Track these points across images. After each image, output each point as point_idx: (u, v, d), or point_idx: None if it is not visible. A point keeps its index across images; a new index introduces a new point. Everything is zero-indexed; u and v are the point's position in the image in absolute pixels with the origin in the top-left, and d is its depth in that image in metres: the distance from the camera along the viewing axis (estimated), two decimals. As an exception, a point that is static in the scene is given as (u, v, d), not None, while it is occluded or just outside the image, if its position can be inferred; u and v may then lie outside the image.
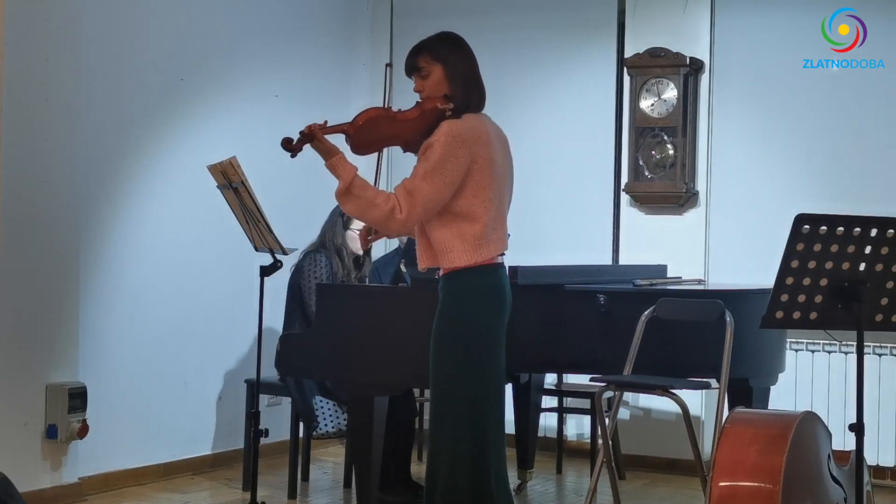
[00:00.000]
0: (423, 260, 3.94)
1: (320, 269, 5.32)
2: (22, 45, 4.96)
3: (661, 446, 6.20)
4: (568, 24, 6.71)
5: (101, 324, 5.46)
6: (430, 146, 3.77)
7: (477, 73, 3.93)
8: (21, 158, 4.98)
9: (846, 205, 5.60)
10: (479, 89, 3.92)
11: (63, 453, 5.16)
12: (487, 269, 3.83)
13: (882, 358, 5.82)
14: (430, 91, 3.87)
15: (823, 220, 3.14)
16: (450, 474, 3.79)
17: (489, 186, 3.81)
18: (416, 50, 3.92)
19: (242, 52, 6.27)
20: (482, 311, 3.83)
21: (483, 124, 3.87)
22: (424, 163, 3.76)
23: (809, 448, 3.40)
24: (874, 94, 5.98)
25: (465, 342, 3.81)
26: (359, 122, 3.81)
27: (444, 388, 3.84)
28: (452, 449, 3.80)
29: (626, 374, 4.58)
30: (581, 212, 6.60)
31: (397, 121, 3.84)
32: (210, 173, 4.64)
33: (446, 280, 3.86)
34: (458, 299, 3.83)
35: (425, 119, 3.83)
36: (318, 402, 5.33)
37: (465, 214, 3.79)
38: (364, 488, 4.72)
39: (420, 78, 3.89)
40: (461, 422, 3.80)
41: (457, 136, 3.75)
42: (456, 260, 3.80)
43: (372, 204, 3.75)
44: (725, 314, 4.51)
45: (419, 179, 3.74)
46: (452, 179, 3.75)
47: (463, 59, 3.90)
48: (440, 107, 3.83)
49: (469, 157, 3.76)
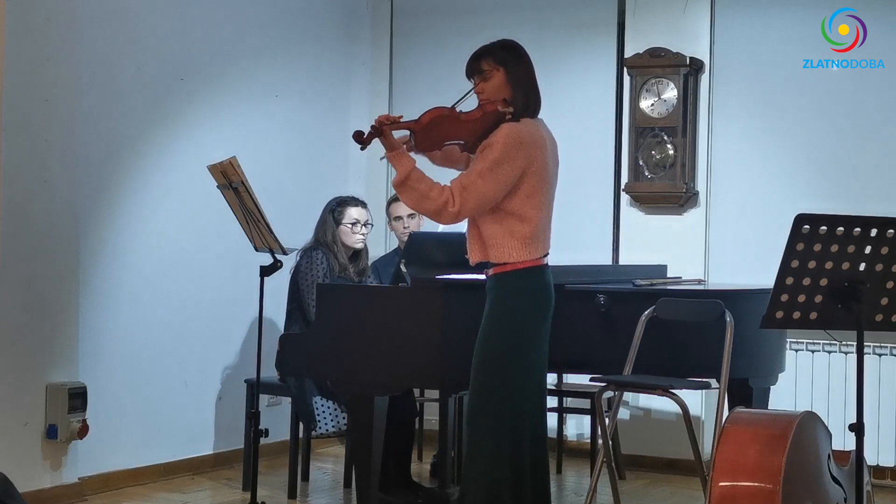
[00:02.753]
0: (474, 255, 4.08)
1: (317, 266, 5.32)
2: (22, 45, 4.95)
3: (661, 446, 6.19)
4: (568, 24, 6.71)
5: (101, 324, 5.46)
6: (489, 146, 3.92)
7: (535, 80, 4.11)
8: (21, 158, 4.97)
9: (846, 205, 5.61)
10: (536, 95, 4.10)
11: (63, 453, 5.16)
12: (536, 270, 3.99)
13: (882, 358, 5.82)
14: (490, 94, 4.02)
15: (823, 220, 3.15)
16: (488, 472, 3.91)
17: (541, 189, 3.98)
18: (479, 54, 4.08)
19: (242, 52, 6.27)
20: (531, 311, 3.98)
21: (539, 129, 4.04)
22: (482, 161, 3.91)
23: (809, 448, 3.40)
24: (874, 94, 5.98)
25: (514, 341, 3.95)
26: (424, 120, 3.95)
27: (489, 385, 3.96)
28: (492, 446, 3.92)
29: (626, 374, 4.58)
30: (581, 212, 6.60)
31: (460, 121, 3.98)
32: (210, 173, 4.64)
33: (496, 280, 3.99)
34: (509, 299, 3.97)
35: (486, 120, 3.98)
36: (317, 402, 5.33)
37: (518, 214, 3.95)
38: (364, 488, 4.72)
39: (482, 80, 4.03)
40: (503, 421, 3.92)
41: (516, 139, 3.91)
42: (506, 256, 3.95)
43: (426, 196, 3.92)
44: (725, 314, 4.51)
45: (475, 176, 3.89)
46: (507, 180, 3.90)
47: (523, 65, 4.10)
48: (501, 109, 3.98)
49: (526, 160, 3.92)
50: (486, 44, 4.10)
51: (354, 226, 5.45)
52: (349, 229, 5.44)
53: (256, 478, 4.68)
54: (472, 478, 3.95)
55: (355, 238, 5.47)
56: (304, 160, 6.62)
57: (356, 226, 5.46)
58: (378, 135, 3.91)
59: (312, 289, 5.24)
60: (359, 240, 5.48)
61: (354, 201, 5.54)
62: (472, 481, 3.95)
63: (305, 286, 5.31)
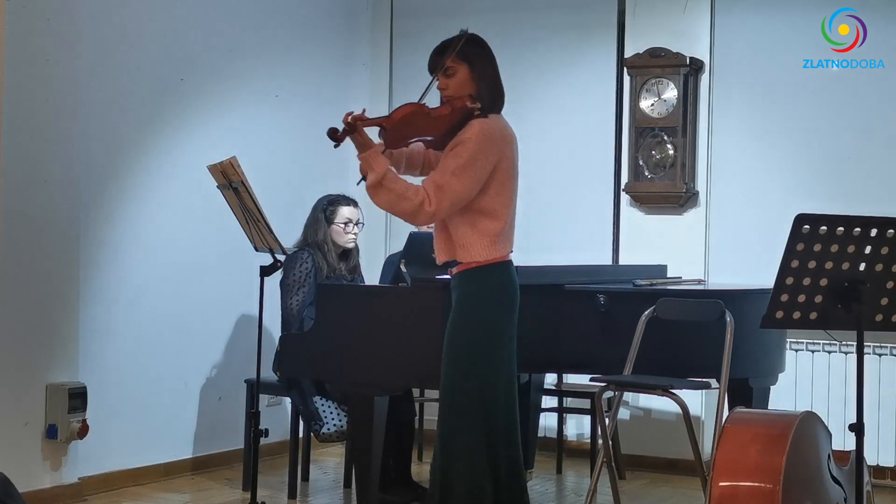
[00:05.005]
0: (441, 254, 4.05)
1: (299, 267, 5.28)
2: (22, 45, 4.95)
3: (661, 446, 6.19)
4: (568, 25, 6.71)
5: (101, 324, 5.46)
6: (461, 143, 3.88)
7: (498, 75, 4.04)
8: (21, 158, 4.97)
9: (846, 205, 5.60)
10: (501, 90, 4.04)
11: (63, 453, 5.16)
12: (501, 266, 3.96)
13: (882, 358, 5.82)
14: (455, 90, 3.96)
15: (823, 220, 3.15)
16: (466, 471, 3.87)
17: (509, 186, 3.96)
18: (441, 49, 4.00)
19: (242, 52, 6.27)
20: (498, 307, 3.95)
21: (506, 125, 4.00)
22: (456, 159, 3.87)
23: (809, 448, 3.39)
24: (874, 94, 5.98)
25: (481, 337, 3.92)
26: (395, 117, 3.90)
27: (459, 383, 3.93)
28: (467, 444, 3.89)
29: (626, 374, 4.59)
30: (581, 212, 6.60)
31: (431, 117, 3.93)
32: (210, 173, 4.64)
33: (461, 278, 3.96)
34: (475, 296, 3.94)
35: (455, 117, 3.94)
36: (317, 402, 5.33)
37: (487, 212, 3.92)
38: (364, 488, 4.72)
39: (445, 76, 3.97)
40: (476, 417, 3.89)
41: (488, 135, 3.88)
42: (475, 255, 3.92)
43: (403, 197, 3.86)
44: (725, 314, 4.52)
45: (450, 175, 3.85)
46: (481, 177, 3.87)
47: (487, 60, 4.02)
48: (470, 105, 3.93)
49: (497, 156, 3.90)
50: (447, 38, 4.01)
51: (347, 225, 5.40)
52: (341, 229, 5.40)
53: (256, 478, 4.68)
54: (452, 476, 3.89)
55: (347, 238, 5.42)
56: (303, 160, 6.62)
57: (349, 225, 5.41)
58: (351, 132, 3.87)
59: (290, 290, 5.22)
60: (351, 239, 5.44)
61: (346, 200, 5.47)
62: (453, 480, 3.89)
63: (287, 287, 5.28)
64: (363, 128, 3.88)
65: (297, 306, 5.22)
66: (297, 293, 5.24)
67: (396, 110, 3.92)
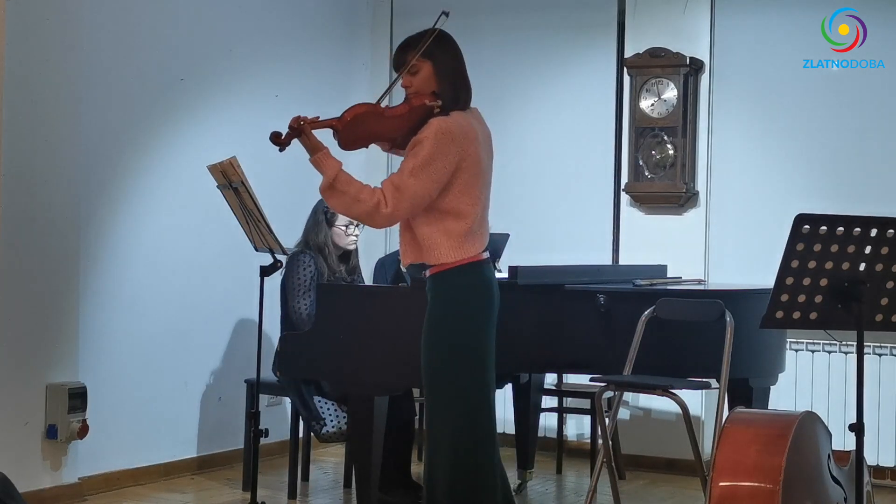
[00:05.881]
0: (406, 256, 3.97)
1: (304, 270, 5.27)
2: (22, 45, 4.95)
3: (661, 446, 6.19)
4: (568, 25, 6.71)
5: (101, 324, 5.46)
6: (419, 142, 3.78)
7: (464, 71, 3.95)
8: (21, 158, 4.97)
9: (846, 205, 5.61)
10: (466, 86, 3.94)
11: (63, 453, 5.16)
12: (474, 266, 3.87)
13: (882, 358, 5.82)
14: (419, 87, 3.89)
15: (823, 220, 3.14)
16: (451, 472, 3.82)
17: (476, 184, 3.85)
18: (404, 46, 3.94)
19: (242, 52, 6.27)
20: (472, 308, 3.86)
21: (469, 122, 3.89)
22: (413, 159, 3.78)
23: (809, 448, 3.39)
24: (874, 94, 5.98)
25: (456, 340, 3.84)
26: (347, 117, 3.81)
27: (438, 386, 3.88)
28: (451, 445, 3.84)
29: (626, 374, 4.58)
30: (581, 212, 6.60)
31: (385, 117, 3.85)
32: (210, 173, 4.64)
33: (434, 280, 3.89)
34: (448, 298, 3.86)
35: (413, 115, 3.85)
36: (317, 402, 5.32)
37: (453, 212, 3.82)
38: (364, 488, 4.72)
39: (408, 74, 3.89)
40: (458, 419, 3.84)
41: (447, 134, 3.77)
42: (442, 256, 3.83)
43: (356, 199, 3.77)
44: (725, 314, 4.51)
45: (407, 175, 3.76)
46: (441, 177, 3.77)
47: (451, 56, 3.93)
48: (429, 103, 3.85)
49: (458, 154, 3.79)
50: (411, 35, 3.95)
51: (348, 227, 5.40)
52: (343, 231, 5.39)
53: (256, 478, 4.68)
54: (437, 476, 3.86)
55: (349, 240, 5.41)
56: (304, 160, 6.59)
57: (350, 227, 5.40)
58: (297, 135, 3.79)
59: (296, 293, 5.21)
60: (352, 241, 5.42)
61: None
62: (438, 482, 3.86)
63: (291, 290, 5.27)
64: (312, 130, 3.81)
65: (306, 310, 5.19)
66: (304, 297, 5.23)
67: (348, 110, 3.82)
